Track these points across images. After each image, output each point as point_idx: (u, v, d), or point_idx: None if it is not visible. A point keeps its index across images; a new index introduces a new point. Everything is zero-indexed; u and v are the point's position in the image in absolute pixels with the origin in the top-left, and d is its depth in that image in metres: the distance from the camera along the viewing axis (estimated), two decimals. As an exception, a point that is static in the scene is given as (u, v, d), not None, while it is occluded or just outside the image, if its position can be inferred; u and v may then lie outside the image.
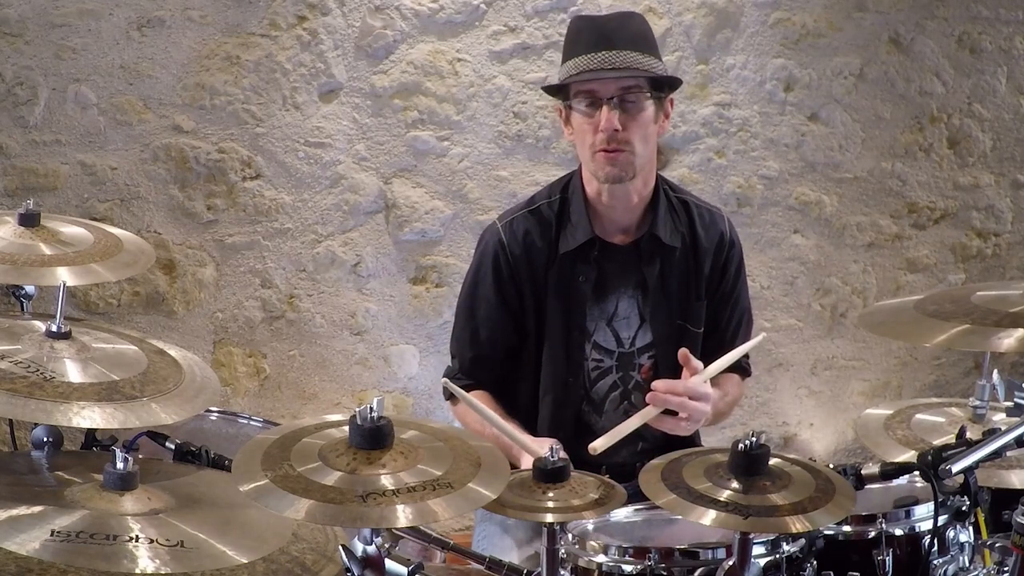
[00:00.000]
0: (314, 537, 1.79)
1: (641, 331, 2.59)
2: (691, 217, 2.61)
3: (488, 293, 2.60)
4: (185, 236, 3.58)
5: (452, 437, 1.85)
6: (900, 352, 4.14)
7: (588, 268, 2.55)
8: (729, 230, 2.66)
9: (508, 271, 2.58)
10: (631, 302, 2.58)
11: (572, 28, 2.52)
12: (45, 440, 2.00)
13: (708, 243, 2.61)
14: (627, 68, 2.40)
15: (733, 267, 2.66)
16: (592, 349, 2.59)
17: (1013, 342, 2.12)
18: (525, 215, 2.60)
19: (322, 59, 3.55)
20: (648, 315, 2.58)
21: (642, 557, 1.97)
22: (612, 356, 2.60)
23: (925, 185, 4.04)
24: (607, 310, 2.58)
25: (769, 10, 3.81)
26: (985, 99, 4.01)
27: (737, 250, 2.67)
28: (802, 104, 3.89)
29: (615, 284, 2.57)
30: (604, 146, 2.42)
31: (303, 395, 3.73)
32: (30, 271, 2.28)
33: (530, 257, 2.57)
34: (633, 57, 2.42)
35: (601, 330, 2.58)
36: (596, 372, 2.60)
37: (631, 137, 2.42)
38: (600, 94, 2.42)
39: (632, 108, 2.42)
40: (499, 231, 2.60)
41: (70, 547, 1.63)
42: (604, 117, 2.40)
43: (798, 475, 1.87)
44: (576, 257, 2.55)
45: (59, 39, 3.38)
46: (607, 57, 2.40)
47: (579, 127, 2.47)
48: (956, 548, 2.14)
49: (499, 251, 2.58)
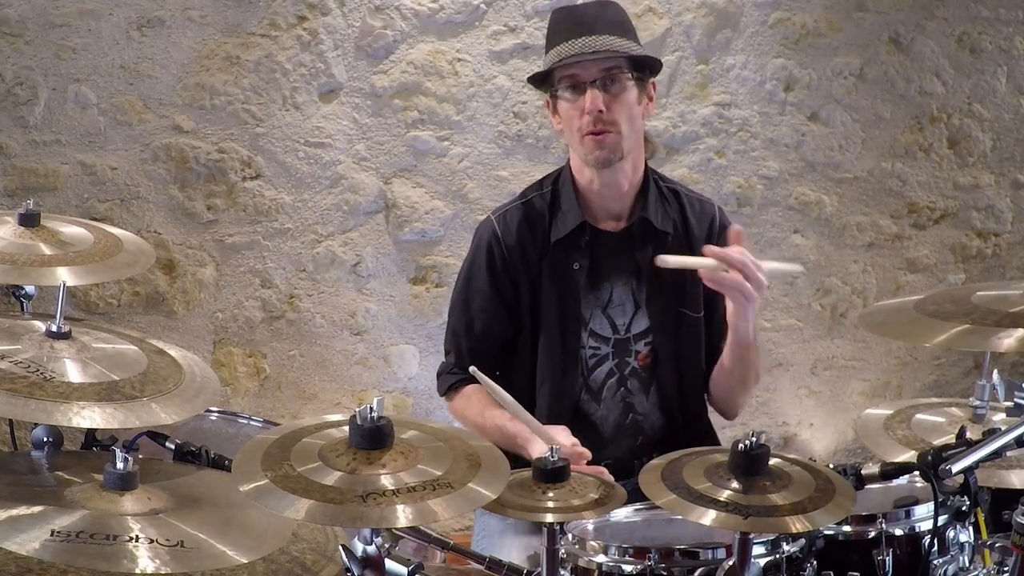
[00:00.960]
0: (314, 537, 1.79)
1: (636, 317, 2.61)
2: (682, 204, 2.64)
3: (483, 285, 2.62)
4: (185, 236, 3.58)
5: (452, 437, 1.85)
6: (900, 352, 4.14)
7: (580, 255, 2.57)
8: (720, 216, 2.68)
9: (502, 263, 2.60)
10: (625, 289, 2.60)
11: (552, 20, 2.58)
12: (45, 440, 2.00)
13: (700, 229, 2.64)
14: (607, 51, 2.45)
15: None
16: (588, 337, 2.60)
17: (1013, 342, 2.12)
18: (518, 207, 2.64)
19: (322, 59, 3.55)
20: (643, 301, 2.59)
21: (642, 557, 1.97)
22: (608, 343, 2.61)
23: (925, 185, 4.04)
24: (602, 297, 2.59)
25: (769, 10, 3.81)
26: (985, 99, 4.01)
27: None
28: (802, 104, 3.89)
29: (608, 271, 2.59)
30: (591, 128, 2.47)
31: (303, 395, 3.73)
32: (30, 271, 2.28)
33: (524, 247, 2.59)
34: (612, 40, 2.47)
35: (596, 317, 2.60)
36: (593, 360, 2.61)
37: (616, 117, 2.47)
38: (582, 78, 2.47)
39: (615, 89, 2.47)
40: (493, 224, 2.63)
41: (70, 547, 1.63)
42: (588, 99, 2.45)
43: (798, 475, 1.87)
44: (568, 244, 2.58)
45: (59, 39, 3.38)
46: (587, 42, 2.45)
47: (565, 113, 2.51)
48: (956, 548, 2.13)
49: (493, 243, 2.61)
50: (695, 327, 2.60)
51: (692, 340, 2.61)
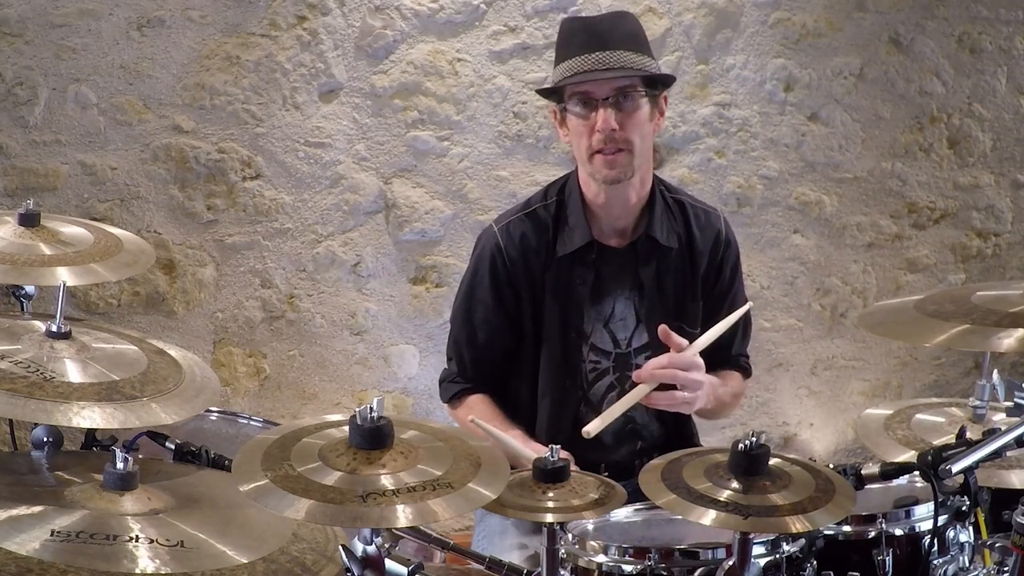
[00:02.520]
0: (314, 537, 1.79)
1: (637, 332, 2.60)
2: (687, 217, 2.61)
3: (485, 296, 2.60)
4: (185, 236, 3.58)
5: (452, 437, 1.85)
6: (900, 352, 4.15)
7: (586, 271, 2.55)
8: (725, 230, 2.66)
9: (505, 274, 2.58)
10: (627, 303, 2.59)
11: (564, 30, 2.52)
12: (45, 440, 2.00)
13: (704, 243, 2.61)
14: (621, 68, 2.40)
15: (729, 267, 2.66)
16: (589, 351, 2.59)
17: (1013, 342, 2.11)
18: (521, 218, 2.60)
19: (322, 59, 3.55)
20: (644, 316, 2.58)
21: (642, 557, 1.97)
22: (609, 357, 2.60)
23: (925, 185, 4.04)
24: (604, 312, 2.58)
25: (769, 10, 3.81)
26: (985, 99, 4.01)
27: (733, 250, 2.67)
28: (802, 104, 3.89)
29: (612, 286, 2.58)
30: (601, 147, 2.42)
31: (303, 395, 3.73)
32: (30, 271, 2.28)
33: (527, 260, 2.57)
34: (628, 56, 2.41)
35: (598, 332, 2.58)
36: (594, 374, 2.60)
37: (629, 136, 2.42)
38: (595, 95, 2.42)
39: (628, 107, 2.42)
40: (496, 234, 2.60)
41: (70, 547, 1.62)
42: (601, 118, 2.40)
43: (798, 475, 1.87)
44: (574, 260, 2.55)
45: (59, 39, 3.38)
46: (601, 57, 2.40)
47: (575, 129, 2.46)
48: (956, 548, 2.13)
49: (496, 254, 2.58)
50: (692, 341, 2.56)
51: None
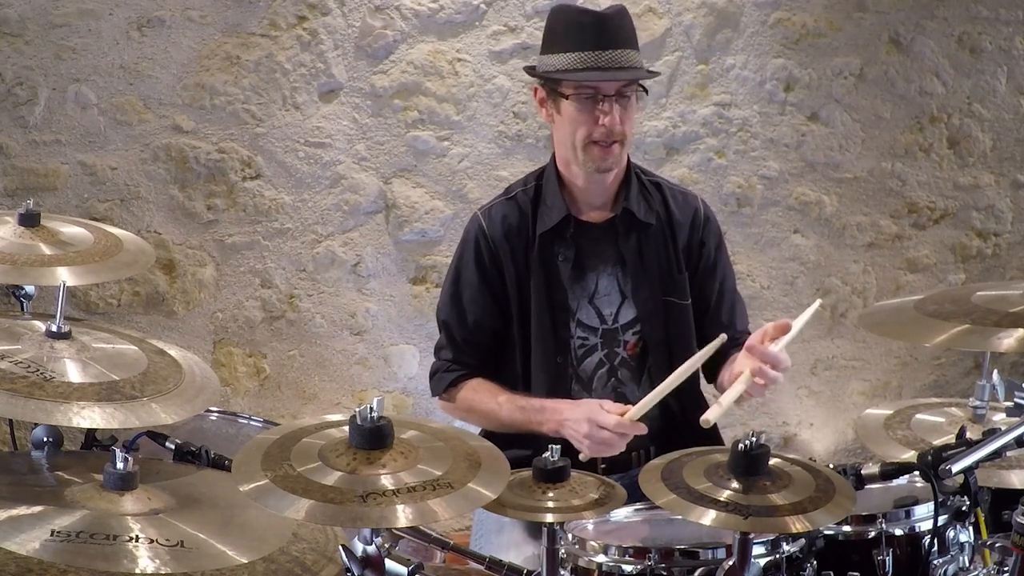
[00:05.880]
0: (314, 537, 1.79)
1: (623, 307, 2.63)
2: (664, 196, 2.67)
3: (472, 277, 2.65)
4: (185, 236, 3.58)
5: (452, 437, 1.85)
6: (900, 352, 4.14)
7: (566, 247, 2.61)
8: (704, 208, 2.71)
9: (489, 255, 2.64)
10: (611, 279, 2.62)
11: (561, 19, 2.57)
12: (45, 440, 2.00)
13: (683, 218, 2.66)
14: (631, 67, 2.50)
15: (712, 242, 2.69)
16: (576, 327, 2.62)
17: (1013, 342, 2.12)
18: (503, 202, 2.68)
19: (322, 59, 3.55)
20: (629, 291, 2.62)
21: (642, 557, 1.97)
22: (596, 333, 2.63)
23: (925, 185, 4.04)
24: (588, 288, 2.62)
25: (769, 10, 3.81)
26: (985, 99, 4.01)
27: (713, 226, 2.71)
28: (802, 104, 3.89)
29: (593, 261, 2.62)
30: (602, 139, 2.50)
31: (303, 395, 3.73)
32: (30, 271, 2.29)
33: (510, 240, 2.63)
34: (634, 57, 2.51)
35: (584, 308, 2.62)
36: (582, 350, 2.63)
37: (626, 130, 2.53)
38: (604, 91, 2.49)
39: (627, 103, 2.52)
40: (479, 218, 2.67)
41: (70, 547, 1.63)
42: (609, 115, 2.48)
43: (798, 475, 1.87)
44: (553, 237, 2.61)
45: (59, 39, 3.38)
46: (614, 56, 2.48)
47: (571, 116, 2.52)
48: (956, 548, 2.13)
49: (480, 237, 2.65)
50: (684, 314, 2.63)
51: (682, 328, 2.63)
